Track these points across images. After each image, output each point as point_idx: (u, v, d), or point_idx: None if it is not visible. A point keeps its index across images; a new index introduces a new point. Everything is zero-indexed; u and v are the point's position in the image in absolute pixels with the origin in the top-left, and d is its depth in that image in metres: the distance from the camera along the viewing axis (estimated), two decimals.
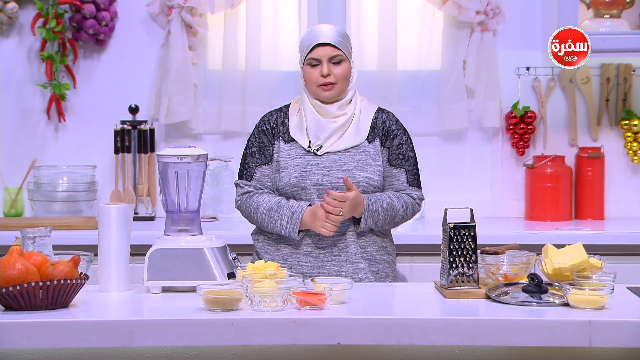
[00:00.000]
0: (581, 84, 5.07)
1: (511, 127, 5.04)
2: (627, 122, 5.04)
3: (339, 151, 3.57)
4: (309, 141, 3.58)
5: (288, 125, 3.62)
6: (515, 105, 5.04)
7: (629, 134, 5.05)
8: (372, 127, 3.61)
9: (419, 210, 3.64)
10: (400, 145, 3.61)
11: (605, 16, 4.93)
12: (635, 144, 5.05)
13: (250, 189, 3.61)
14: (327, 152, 3.57)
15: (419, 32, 5.05)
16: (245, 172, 3.63)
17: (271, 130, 3.63)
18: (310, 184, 3.54)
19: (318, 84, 3.55)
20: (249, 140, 3.67)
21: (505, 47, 5.05)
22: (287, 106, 3.68)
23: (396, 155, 3.60)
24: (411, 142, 3.64)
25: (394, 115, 3.67)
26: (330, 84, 3.54)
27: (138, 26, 5.04)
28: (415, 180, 3.62)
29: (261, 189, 3.61)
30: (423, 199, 3.65)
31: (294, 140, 3.60)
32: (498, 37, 5.04)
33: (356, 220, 3.54)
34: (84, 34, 4.94)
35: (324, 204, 3.44)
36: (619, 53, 4.91)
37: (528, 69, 5.04)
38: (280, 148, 3.60)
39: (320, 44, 3.54)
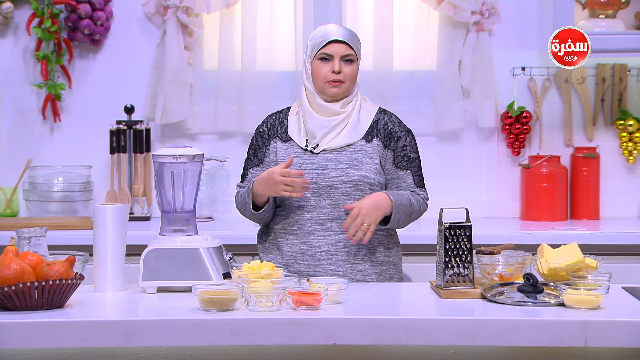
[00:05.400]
0: (577, 84, 5.07)
1: (507, 127, 5.04)
2: (622, 122, 5.04)
3: (336, 149, 3.56)
4: (306, 140, 3.58)
5: (286, 126, 3.62)
6: (510, 105, 5.05)
7: (624, 134, 5.05)
8: (372, 127, 3.60)
9: (425, 210, 3.63)
10: (405, 147, 3.60)
11: (601, 16, 4.93)
12: (630, 144, 5.05)
13: (241, 190, 3.63)
14: (324, 150, 3.57)
15: (415, 32, 5.04)
16: (242, 174, 3.67)
17: (268, 132, 3.63)
18: None
19: (327, 80, 3.54)
20: (250, 142, 3.68)
21: (501, 47, 5.05)
22: (289, 108, 3.68)
23: (401, 157, 3.59)
24: (415, 143, 3.63)
25: (396, 117, 3.66)
26: (340, 81, 3.54)
27: (134, 26, 5.03)
28: (421, 181, 3.63)
29: None
30: (428, 199, 3.65)
31: (291, 139, 3.60)
32: (494, 37, 5.04)
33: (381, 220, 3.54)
34: (79, 33, 4.94)
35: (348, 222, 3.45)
36: (615, 53, 4.91)
37: (524, 69, 5.04)
38: (278, 147, 3.60)
39: (335, 40, 3.55)
